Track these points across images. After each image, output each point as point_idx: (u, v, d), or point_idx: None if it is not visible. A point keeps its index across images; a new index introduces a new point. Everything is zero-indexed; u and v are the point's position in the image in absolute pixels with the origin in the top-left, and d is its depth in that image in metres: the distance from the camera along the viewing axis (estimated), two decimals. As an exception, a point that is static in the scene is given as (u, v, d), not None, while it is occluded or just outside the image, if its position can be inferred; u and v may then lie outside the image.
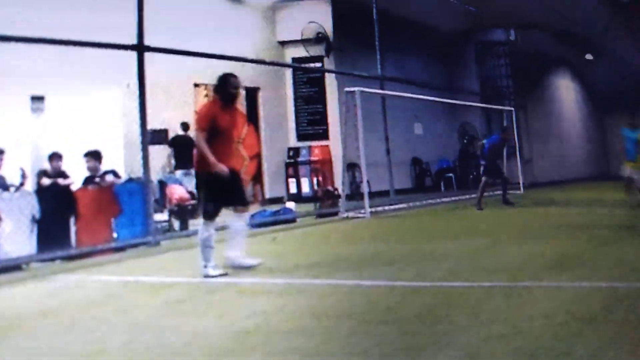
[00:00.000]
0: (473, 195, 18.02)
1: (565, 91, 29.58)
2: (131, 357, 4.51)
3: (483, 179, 14.90)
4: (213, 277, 7.08)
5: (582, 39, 25.85)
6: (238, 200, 7.51)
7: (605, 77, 28.46)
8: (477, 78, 24.94)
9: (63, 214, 9.68)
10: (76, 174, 10.64)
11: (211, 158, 7.13)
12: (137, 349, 4.63)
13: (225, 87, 7.48)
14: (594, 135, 31.23)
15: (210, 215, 7.27)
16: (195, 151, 7.46)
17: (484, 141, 16.17)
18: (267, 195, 17.92)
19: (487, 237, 9.85)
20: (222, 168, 7.16)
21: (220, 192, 7.29)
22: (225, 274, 7.21)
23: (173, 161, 14.25)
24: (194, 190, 10.53)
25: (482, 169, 15.69)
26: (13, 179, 10.06)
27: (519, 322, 4.73)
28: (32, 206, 9.23)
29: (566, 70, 29.44)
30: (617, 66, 26.76)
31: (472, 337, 4.44)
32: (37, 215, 9.23)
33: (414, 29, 21.16)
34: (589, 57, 28.08)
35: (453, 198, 18.20)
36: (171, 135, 14.74)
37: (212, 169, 7.15)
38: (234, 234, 7.54)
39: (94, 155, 10.70)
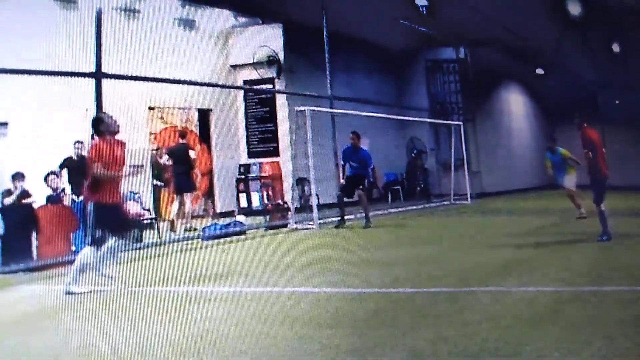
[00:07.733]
0: (420, 206, 18.90)
1: (515, 104, 29.37)
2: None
3: None
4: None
5: (533, 54, 25.70)
6: None
7: (556, 91, 28.08)
8: (426, 94, 25.01)
9: (25, 230, 10.09)
10: (38, 193, 11.00)
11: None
12: (92, 353, 4.86)
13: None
14: (544, 146, 31.19)
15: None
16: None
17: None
18: (219, 210, 18.17)
19: (434, 246, 9.98)
20: None
21: None
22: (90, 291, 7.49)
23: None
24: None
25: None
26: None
27: (464, 325, 4.77)
28: (-5, 223, 9.56)
29: (517, 84, 29.33)
30: (567, 79, 26.61)
31: (417, 339, 4.51)
32: (1, 231, 9.68)
33: (364, 49, 21.63)
34: (539, 71, 27.92)
35: (400, 209, 18.43)
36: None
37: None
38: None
39: (56, 175, 11.17)
